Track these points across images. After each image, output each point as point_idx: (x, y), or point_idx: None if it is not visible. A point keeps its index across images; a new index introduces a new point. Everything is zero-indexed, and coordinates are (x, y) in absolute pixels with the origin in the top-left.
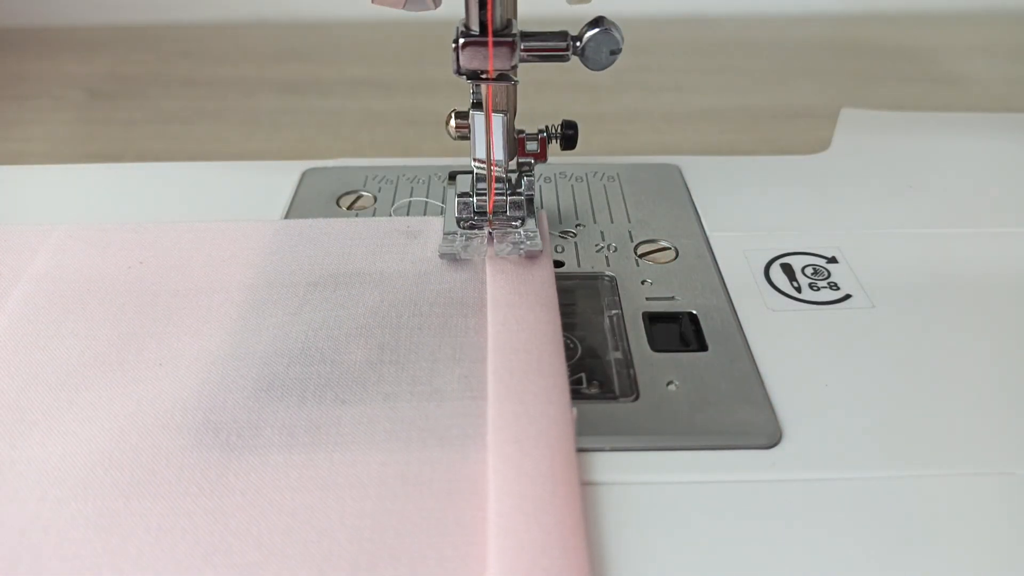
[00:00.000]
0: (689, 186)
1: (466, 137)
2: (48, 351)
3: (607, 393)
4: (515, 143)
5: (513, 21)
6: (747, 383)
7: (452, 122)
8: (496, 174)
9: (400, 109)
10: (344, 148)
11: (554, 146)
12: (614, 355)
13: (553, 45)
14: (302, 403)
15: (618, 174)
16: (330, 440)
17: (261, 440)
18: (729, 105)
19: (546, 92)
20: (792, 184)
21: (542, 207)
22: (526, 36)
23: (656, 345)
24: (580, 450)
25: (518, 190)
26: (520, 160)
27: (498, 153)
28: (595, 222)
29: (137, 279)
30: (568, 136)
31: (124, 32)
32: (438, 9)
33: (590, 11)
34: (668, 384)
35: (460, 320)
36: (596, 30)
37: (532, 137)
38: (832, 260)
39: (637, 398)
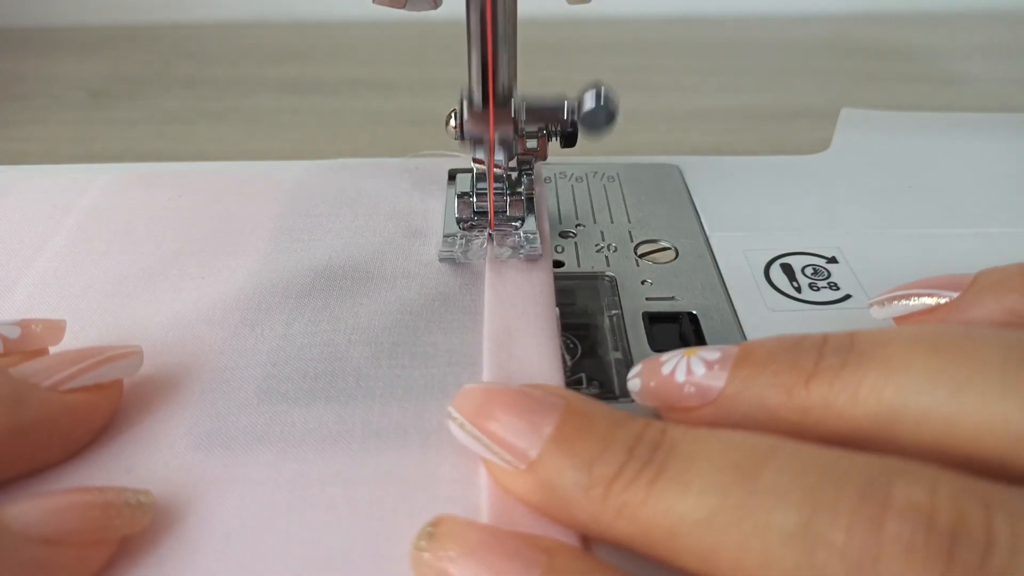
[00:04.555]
0: (689, 186)
1: None
2: (101, 265)
3: (607, 393)
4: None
5: (515, 89)
6: None
7: (452, 122)
8: (496, 173)
9: (400, 109)
10: (344, 148)
11: (554, 144)
12: (614, 355)
13: (552, 114)
14: (325, 306)
15: (618, 174)
16: (348, 328)
17: (293, 330)
18: (729, 105)
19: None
20: (792, 184)
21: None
22: (529, 111)
23: (656, 345)
24: None
25: (518, 188)
26: (520, 158)
27: (497, 154)
28: (595, 222)
29: (177, 211)
30: (568, 134)
31: (124, 32)
32: (438, 9)
33: (589, 10)
34: None
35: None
36: (592, 106)
37: (532, 135)
38: (832, 260)
39: None
